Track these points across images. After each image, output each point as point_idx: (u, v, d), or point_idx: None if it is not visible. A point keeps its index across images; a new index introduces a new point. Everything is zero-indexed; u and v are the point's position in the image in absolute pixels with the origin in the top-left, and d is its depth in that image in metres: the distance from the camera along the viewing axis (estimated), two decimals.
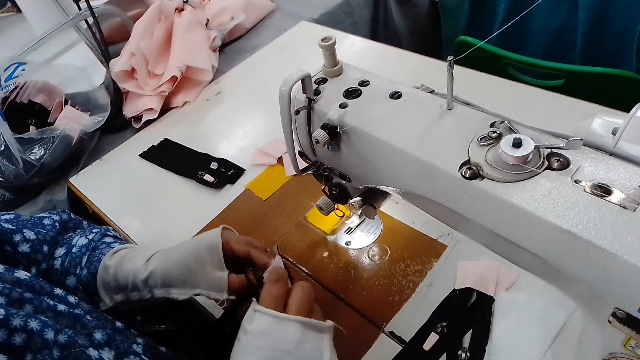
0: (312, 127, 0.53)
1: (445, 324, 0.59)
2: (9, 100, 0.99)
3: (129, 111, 1.08)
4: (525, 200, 0.36)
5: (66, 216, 0.66)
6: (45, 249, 0.58)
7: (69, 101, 1.03)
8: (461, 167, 0.39)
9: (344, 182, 0.57)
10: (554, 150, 0.37)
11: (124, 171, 0.97)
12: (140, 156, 0.99)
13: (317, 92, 0.51)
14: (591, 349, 0.39)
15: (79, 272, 0.58)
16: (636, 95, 0.94)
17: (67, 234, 0.64)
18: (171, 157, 0.97)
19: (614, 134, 0.38)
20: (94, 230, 0.64)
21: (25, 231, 0.57)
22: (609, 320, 0.34)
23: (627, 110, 0.38)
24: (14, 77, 1.01)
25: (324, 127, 0.49)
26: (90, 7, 1.07)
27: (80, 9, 1.10)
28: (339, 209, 0.70)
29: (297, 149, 0.57)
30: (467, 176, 0.39)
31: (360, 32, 1.39)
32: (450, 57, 0.39)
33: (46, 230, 0.60)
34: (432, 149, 0.42)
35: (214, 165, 0.91)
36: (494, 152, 0.38)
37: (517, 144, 0.36)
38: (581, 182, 0.35)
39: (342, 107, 0.49)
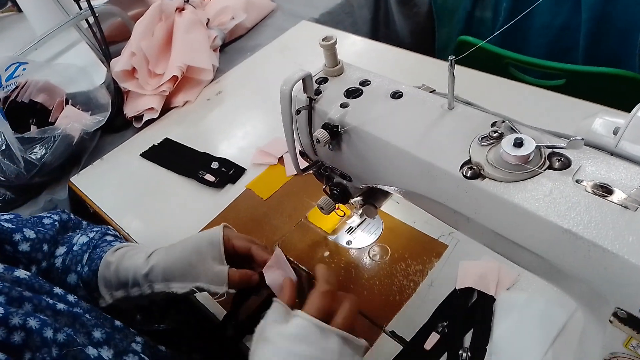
0: (313, 126, 0.53)
1: (446, 324, 0.59)
2: (10, 99, 1.00)
3: (130, 111, 1.09)
4: (526, 200, 0.36)
5: (66, 216, 0.66)
6: (45, 247, 0.59)
7: (70, 101, 1.03)
8: (462, 167, 0.39)
9: (345, 181, 0.57)
10: (555, 150, 0.37)
11: (124, 171, 0.97)
12: (141, 156, 0.99)
13: (318, 92, 0.51)
14: (592, 349, 0.39)
15: (79, 269, 0.58)
16: (637, 95, 0.94)
17: (67, 233, 0.64)
18: (172, 156, 0.97)
19: (615, 133, 0.38)
20: (95, 229, 0.64)
21: (25, 230, 0.57)
22: (610, 320, 0.34)
23: (629, 110, 0.38)
24: (14, 76, 1.01)
25: (325, 126, 0.49)
26: (90, 7, 1.07)
27: (80, 8, 1.10)
28: (340, 209, 0.70)
29: (298, 148, 0.57)
30: (468, 176, 0.39)
31: (361, 31, 1.39)
32: (451, 57, 0.39)
33: (46, 229, 0.60)
34: (433, 148, 0.42)
35: (215, 164, 0.91)
36: (495, 152, 0.38)
37: (518, 144, 0.36)
38: (582, 181, 0.35)
39: (343, 107, 0.49)
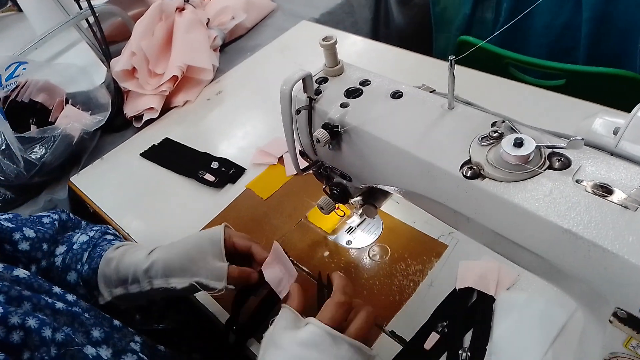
0: (313, 126, 0.53)
1: (445, 324, 0.59)
2: (10, 99, 0.99)
3: (130, 110, 1.09)
4: (526, 199, 0.36)
5: (65, 216, 0.66)
6: (44, 246, 0.59)
7: (70, 100, 1.03)
8: (462, 167, 0.39)
9: (345, 181, 0.57)
10: (555, 150, 0.37)
11: (124, 170, 0.97)
12: (141, 155, 0.99)
13: (318, 92, 0.51)
14: (592, 349, 0.39)
15: (79, 267, 0.58)
16: (637, 95, 0.94)
17: (67, 233, 0.64)
18: (172, 156, 0.97)
19: (615, 133, 0.38)
20: (95, 228, 0.65)
21: (24, 229, 0.57)
22: (610, 320, 0.34)
23: (629, 110, 0.38)
24: (14, 76, 1.01)
25: (325, 126, 0.49)
26: (91, 7, 1.07)
27: (81, 8, 1.10)
28: (340, 209, 0.70)
29: (298, 148, 0.57)
30: (468, 176, 0.39)
31: (361, 31, 1.39)
32: (451, 57, 0.39)
33: (45, 228, 0.61)
34: (433, 148, 0.42)
35: (215, 164, 0.91)
36: (495, 152, 0.38)
37: (519, 144, 0.36)
38: (582, 181, 0.35)
39: (343, 107, 0.49)
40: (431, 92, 0.49)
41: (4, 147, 0.89)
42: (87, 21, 1.11)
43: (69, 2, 1.11)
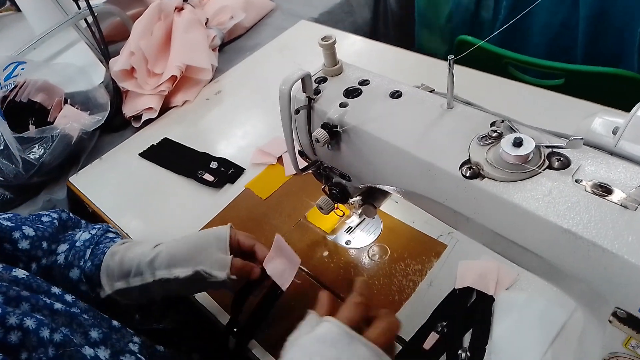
0: (312, 126, 0.53)
1: (445, 324, 0.59)
2: (9, 99, 0.99)
3: (129, 110, 1.08)
4: (525, 199, 0.36)
5: (66, 215, 0.66)
6: (44, 245, 0.59)
7: (69, 100, 1.02)
8: (462, 167, 0.39)
9: (344, 181, 0.57)
10: (555, 149, 0.37)
11: (123, 170, 0.97)
12: (139, 155, 0.98)
13: (317, 92, 0.51)
14: (592, 349, 0.39)
15: (82, 264, 0.59)
16: (637, 94, 0.94)
17: (67, 232, 0.64)
18: (171, 156, 0.97)
19: (614, 133, 0.38)
20: (96, 226, 0.65)
21: (24, 228, 0.57)
22: (609, 319, 0.34)
23: (628, 109, 0.38)
24: (13, 76, 1.01)
25: (324, 126, 0.49)
26: (89, 6, 1.06)
27: (79, 8, 1.10)
28: (339, 209, 0.70)
29: (297, 148, 0.57)
30: (468, 175, 0.38)
31: (360, 31, 1.39)
32: (450, 57, 0.39)
33: (45, 226, 0.61)
34: (433, 148, 0.42)
35: (214, 164, 0.91)
36: (494, 152, 0.38)
37: (518, 144, 0.36)
38: (582, 181, 0.35)
39: (342, 107, 0.49)
40: (430, 91, 0.49)
41: (2, 147, 0.88)
42: (86, 21, 1.11)
43: (67, 1, 1.11)
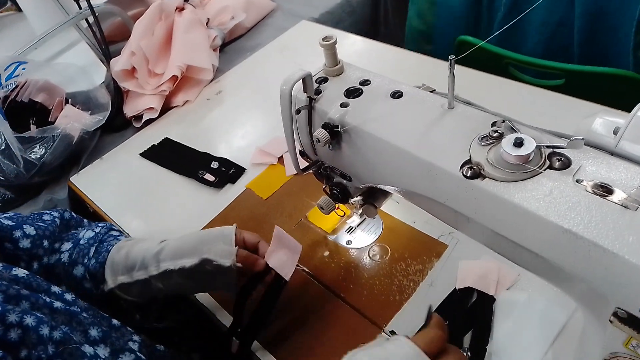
0: (313, 126, 0.53)
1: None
2: (10, 99, 0.99)
3: (130, 110, 1.08)
4: (526, 199, 0.36)
5: (68, 214, 0.66)
6: (45, 243, 0.59)
7: (70, 100, 1.03)
8: (462, 167, 0.39)
9: (345, 181, 0.57)
10: (555, 149, 0.37)
11: (124, 170, 0.97)
12: (140, 155, 0.99)
13: (318, 92, 0.51)
14: (592, 349, 0.39)
15: (86, 261, 0.59)
16: (637, 95, 0.94)
17: (70, 231, 0.65)
18: (172, 156, 0.97)
19: (615, 133, 0.38)
20: (100, 224, 0.66)
21: (25, 227, 0.58)
22: (610, 320, 0.34)
23: (629, 110, 0.38)
24: (14, 76, 1.01)
25: (325, 126, 0.49)
26: (90, 6, 1.07)
27: (80, 8, 1.10)
28: (340, 209, 0.70)
29: (298, 148, 0.57)
30: (469, 175, 0.39)
31: (361, 31, 1.39)
32: (451, 57, 0.39)
33: (46, 224, 0.61)
34: (433, 148, 0.42)
35: (215, 164, 0.91)
36: (495, 152, 0.38)
37: (519, 144, 0.36)
38: (582, 181, 0.35)
39: (343, 107, 0.49)
40: (431, 92, 0.49)
41: (3, 147, 0.89)
42: (87, 21, 1.11)
43: (68, 1, 1.11)
